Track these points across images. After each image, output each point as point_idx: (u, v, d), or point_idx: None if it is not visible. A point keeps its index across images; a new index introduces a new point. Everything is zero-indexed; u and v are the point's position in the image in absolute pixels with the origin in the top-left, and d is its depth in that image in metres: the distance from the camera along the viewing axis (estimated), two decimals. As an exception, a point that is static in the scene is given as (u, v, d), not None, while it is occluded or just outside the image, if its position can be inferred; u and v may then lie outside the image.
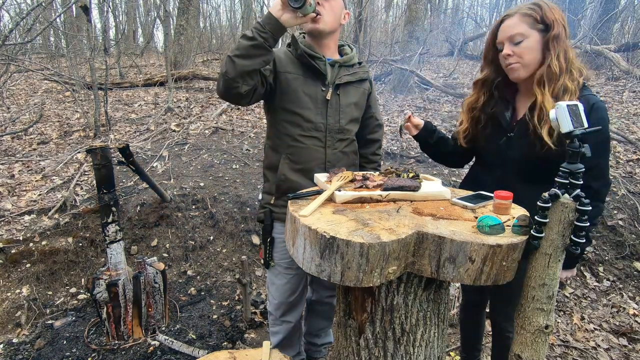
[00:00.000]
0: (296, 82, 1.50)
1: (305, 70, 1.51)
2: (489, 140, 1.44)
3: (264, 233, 1.59)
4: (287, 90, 1.50)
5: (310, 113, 1.51)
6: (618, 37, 9.38)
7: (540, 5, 1.27)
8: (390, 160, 4.11)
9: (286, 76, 1.49)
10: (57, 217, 3.09)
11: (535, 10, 1.27)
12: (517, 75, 1.32)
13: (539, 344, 1.02)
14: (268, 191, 1.61)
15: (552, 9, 1.27)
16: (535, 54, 1.28)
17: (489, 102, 1.45)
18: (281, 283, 1.65)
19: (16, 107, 5.94)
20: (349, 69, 1.58)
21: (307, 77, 1.51)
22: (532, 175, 1.36)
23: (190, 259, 3.01)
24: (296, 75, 1.50)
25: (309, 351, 2.03)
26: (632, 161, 3.71)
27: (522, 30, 1.27)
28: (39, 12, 5.77)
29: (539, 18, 1.26)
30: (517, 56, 1.29)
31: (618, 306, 2.63)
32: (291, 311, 1.70)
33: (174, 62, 7.56)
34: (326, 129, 1.53)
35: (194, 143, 4.33)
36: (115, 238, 2.17)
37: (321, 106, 1.52)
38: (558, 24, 1.25)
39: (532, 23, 1.27)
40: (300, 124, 1.51)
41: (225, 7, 21.48)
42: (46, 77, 7.09)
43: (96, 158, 2.09)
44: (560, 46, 1.26)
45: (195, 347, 2.17)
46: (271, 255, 1.60)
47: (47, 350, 2.21)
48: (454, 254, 0.94)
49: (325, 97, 1.52)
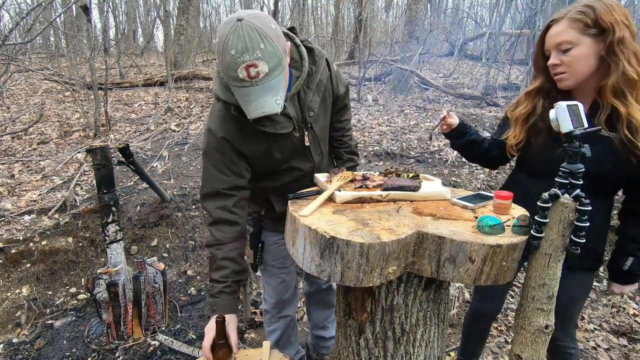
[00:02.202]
0: (269, 152, 1.29)
1: (268, 135, 1.25)
2: (543, 149, 1.33)
3: (252, 239, 1.55)
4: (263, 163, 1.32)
5: (295, 162, 1.38)
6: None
7: (593, 7, 1.15)
8: (390, 160, 4.11)
9: (256, 154, 1.29)
10: (57, 217, 3.09)
11: (587, 14, 1.15)
12: (565, 84, 1.24)
13: (539, 344, 1.02)
14: (256, 201, 1.54)
15: (610, 10, 1.14)
16: (587, 61, 1.17)
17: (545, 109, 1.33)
18: (276, 283, 1.65)
19: (16, 107, 5.94)
20: (310, 85, 1.29)
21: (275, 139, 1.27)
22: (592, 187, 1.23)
23: (190, 259, 3.01)
24: (264, 146, 1.28)
25: (316, 346, 2.02)
26: (632, 161, 3.71)
27: (570, 38, 1.17)
28: (39, 12, 5.77)
29: (590, 22, 1.14)
30: (565, 65, 1.20)
31: (618, 306, 2.63)
32: (287, 306, 1.72)
33: (174, 62, 7.56)
34: (314, 168, 1.44)
35: (194, 143, 4.33)
36: (115, 238, 2.17)
37: (301, 153, 1.38)
38: (620, 25, 1.13)
39: (583, 28, 1.15)
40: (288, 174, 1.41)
41: (225, 7, 21.49)
42: (46, 77, 7.09)
43: (96, 158, 2.09)
44: (628, 49, 1.14)
45: (195, 347, 2.17)
46: (261, 258, 1.59)
47: (47, 350, 2.21)
48: (454, 254, 0.94)
49: (303, 143, 1.35)
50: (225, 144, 1.23)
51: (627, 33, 1.13)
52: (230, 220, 1.28)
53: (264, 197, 1.48)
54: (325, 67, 1.35)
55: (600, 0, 1.15)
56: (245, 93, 1.05)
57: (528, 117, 1.36)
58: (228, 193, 1.27)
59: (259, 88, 1.04)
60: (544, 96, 1.32)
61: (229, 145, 1.24)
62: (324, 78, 1.34)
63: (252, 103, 1.05)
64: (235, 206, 1.29)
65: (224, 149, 1.24)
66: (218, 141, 1.23)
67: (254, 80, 1.02)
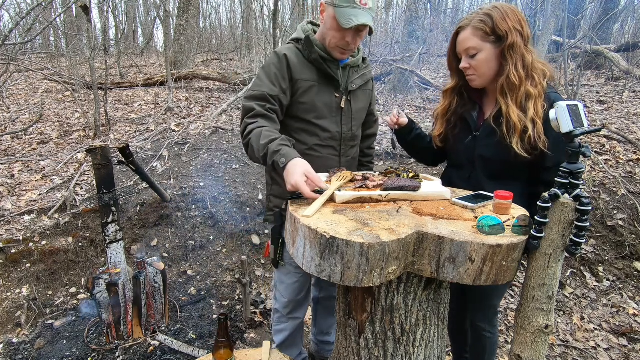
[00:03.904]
0: (312, 91, 1.48)
1: (320, 75, 1.50)
2: (457, 140, 1.48)
3: (273, 234, 1.59)
4: (303, 99, 1.48)
5: (327, 122, 1.52)
6: (618, 37, 9.38)
7: (491, 15, 1.27)
8: (390, 160, 4.11)
9: (302, 84, 1.47)
10: (57, 217, 3.09)
11: (486, 23, 1.27)
12: (475, 84, 1.39)
13: (538, 344, 1.02)
14: (280, 195, 1.59)
15: (505, 17, 1.26)
16: (489, 64, 1.31)
17: (459, 104, 1.50)
18: (291, 282, 1.67)
19: (16, 107, 5.94)
20: (358, 71, 1.58)
21: (322, 83, 1.50)
22: (502, 174, 1.38)
23: (190, 259, 3.01)
24: (311, 82, 1.48)
25: (322, 351, 2.02)
26: (632, 161, 3.71)
27: (474, 45, 1.30)
28: (39, 12, 5.78)
29: (489, 31, 1.27)
30: (473, 68, 1.34)
31: (618, 306, 2.63)
32: (299, 308, 1.74)
33: (174, 62, 7.56)
34: (341, 137, 1.56)
35: (194, 143, 4.33)
36: (115, 238, 2.17)
37: (336, 114, 1.53)
38: (512, 32, 1.25)
39: (484, 36, 1.28)
40: (317, 133, 1.51)
41: (225, 7, 21.50)
42: (46, 77, 7.09)
43: (96, 158, 2.09)
44: (517, 54, 1.27)
45: (195, 347, 2.17)
46: (282, 255, 1.61)
47: (47, 350, 2.21)
48: (454, 254, 0.94)
49: (340, 104, 1.53)
50: (284, 61, 1.45)
51: (518, 39, 1.26)
52: (269, 117, 1.41)
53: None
54: (371, 72, 1.68)
55: (497, 8, 1.28)
56: (354, 13, 1.35)
57: (446, 112, 1.52)
58: (271, 100, 1.42)
59: (364, 12, 1.36)
60: (458, 94, 1.49)
61: (286, 63, 1.45)
62: (369, 75, 1.65)
63: (357, 17, 1.35)
64: (273, 112, 1.43)
65: (282, 65, 1.45)
66: (279, 58, 1.46)
67: (362, 6, 1.36)
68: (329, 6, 1.39)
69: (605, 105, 5.14)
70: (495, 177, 1.39)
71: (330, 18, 1.40)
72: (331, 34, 1.42)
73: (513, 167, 1.34)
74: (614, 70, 6.61)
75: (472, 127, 1.43)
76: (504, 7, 1.29)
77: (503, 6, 1.29)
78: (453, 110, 1.50)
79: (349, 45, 1.42)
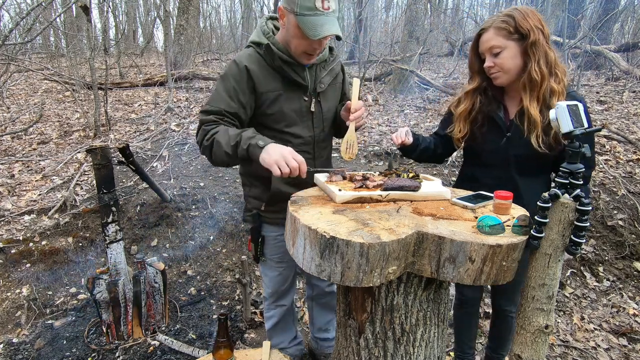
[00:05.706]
0: (279, 100, 1.42)
1: (285, 82, 1.42)
2: (487, 140, 1.50)
3: (253, 233, 1.63)
4: (270, 110, 1.43)
5: (298, 129, 1.48)
6: (618, 37, 9.38)
7: (513, 15, 1.32)
8: (389, 158, 4.11)
9: (268, 95, 1.41)
10: (57, 217, 3.09)
11: (508, 22, 1.32)
12: (500, 82, 1.42)
13: (539, 344, 1.02)
14: (257, 197, 1.59)
15: (526, 17, 1.31)
16: (515, 61, 1.35)
17: (483, 104, 1.53)
18: (273, 275, 1.73)
19: (16, 107, 5.94)
20: (325, 67, 1.52)
21: (288, 90, 1.43)
22: (533, 170, 1.44)
23: (190, 259, 3.01)
24: (277, 92, 1.41)
25: (322, 348, 2.03)
26: (632, 161, 3.70)
27: (498, 43, 1.34)
28: (39, 12, 5.78)
29: (512, 29, 1.32)
30: (497, 66, 1.38)
31: (618, 306, 2.63)
32: (284, 296, 1.81)
33: (174, 62, 7.56)
34: (314, 141, 1.54)
35: (194, 143, 4.33)
36: (115, 238, 2.17)
37: (306, 119, 1.49)
38: (534, 30, 1.30)
39: (507, 35, 1.33)
40: (290, 140, 1.47)
41: (225, 7, 21.49)
42: (46, 77, 7.09)
43: (96, 158, 2.09)
44: (539, 51, 1.32)
45: (195, 347, 2.17)
46: (262, 251, 1.66)
47: (47, 350, 2.21)
48: (454, 254, 0.94)
49: (309, 108, 1.49)
50: (244, 73, 1.37)
51: (540, 36, 1.31)
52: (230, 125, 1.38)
53: (265, 173, 1.50)
54: (340, 64, 1.61)
55: (517, 9, 1.34)
56: (319, 22, 1.27)
57: (470, 112, 1.54)
58: (228, 116, 1.38)
59: (328, 18, 1.28)
60: (481, 93, 1.52)
61: (247, 75, 1.37)
62: (337, 69, 1.58)
63: (323, 26, 1.27)
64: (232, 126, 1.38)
65: (241, 78, 1.37)
66: (239, 69, 1.37)
67: (325, 11, 1.27)
68: (290, 13, 1.29)
69: (605, 105, 5.14)
70: (527, 174, 1.44)
71: (293, 26, 1.30)
72: (296, 42, 1.33)
73: (546, 161, 1.41)
74: (614, 70, 6.61)
75: (503, 128, 1.46)
76: (523, 8, 1.35)
77: (522, 7, 1.35)
78: (478, 109, 1.52)
79: (316, 50, 1.36)
